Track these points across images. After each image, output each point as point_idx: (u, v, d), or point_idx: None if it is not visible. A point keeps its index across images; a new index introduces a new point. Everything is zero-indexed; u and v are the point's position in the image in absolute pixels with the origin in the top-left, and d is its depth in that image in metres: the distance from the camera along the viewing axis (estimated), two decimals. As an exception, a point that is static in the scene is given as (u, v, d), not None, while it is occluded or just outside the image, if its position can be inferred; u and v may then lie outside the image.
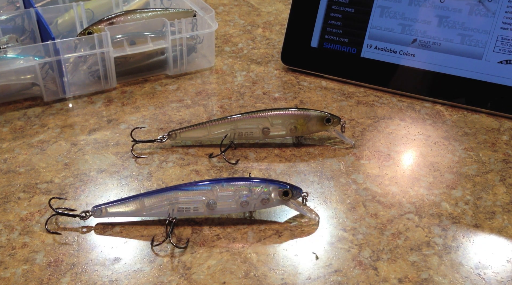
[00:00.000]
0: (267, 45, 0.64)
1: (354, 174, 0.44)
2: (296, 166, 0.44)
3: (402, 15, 0.54)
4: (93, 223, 0.38)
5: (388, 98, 0.54)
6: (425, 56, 0.53)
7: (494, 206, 0.41)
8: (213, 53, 0.59)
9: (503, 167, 0.45)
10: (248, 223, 0.39)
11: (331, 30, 0.56)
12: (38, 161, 0.44)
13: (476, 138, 0.48)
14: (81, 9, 0.57)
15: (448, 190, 0.42)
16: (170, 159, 0.45)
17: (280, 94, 0.54)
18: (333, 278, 0.34)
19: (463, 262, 0.36)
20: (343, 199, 0.41)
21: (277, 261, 0.36)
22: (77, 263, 0.35)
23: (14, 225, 0.38)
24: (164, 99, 0.53)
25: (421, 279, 0.35)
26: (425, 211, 0.40)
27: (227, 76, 0.57)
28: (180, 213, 0.38)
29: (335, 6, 0.56)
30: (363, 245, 0.37)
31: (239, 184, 0.38)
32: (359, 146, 0.47)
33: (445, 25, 0.52)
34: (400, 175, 0.44)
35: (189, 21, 0.55)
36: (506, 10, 0.50)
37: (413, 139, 0.48)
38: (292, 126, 0.46)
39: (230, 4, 0.74)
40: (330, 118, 0.45)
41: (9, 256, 0.36)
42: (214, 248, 0.36)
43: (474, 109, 0.52)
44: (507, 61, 0.51)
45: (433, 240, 0.38)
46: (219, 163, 0.45)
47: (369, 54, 0.55)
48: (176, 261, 0.36)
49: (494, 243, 0.38)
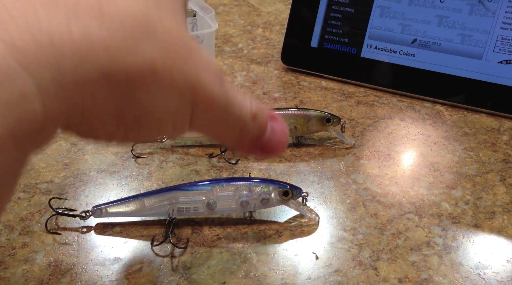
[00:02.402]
0: (267, 45, 0.64)
1: (354, 174, 0.44)
2: (296, 166, 0.44)
3: (402, 15, 0.54)
4: (93, 223, 0.38)
5: (388, 98, 0.54)
6: (425, 56, 0.53)
7: (494, 206, 0.41)
8: (213, 53, 0.59)
9: (503, 167, 0.45)
10: (248, 223, 0.39)
11: (331, 30, 0.56)
12: (38, 161, 0.44)
13: (476, 138, 0.48)
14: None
15: (448, 190, 0.42)
16: (170, 159, 0.45)
17: (280, 94, 0.54)
18: (333, 278, 0.34)
19: (463, 262, 0.36)
20: (343, 199, 0.41)
21: (277, 261, 0.36)
22: (77, 263, 0.35)
23: (14, 225, 0.38)
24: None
25: (421, 279, 0.35)
26: (425, 211, 0.40)
27: (227, 76, 0.57)
28: (180, 213, 0.38)
29: (335, 6, 0.56)
30: (363, 245, 0.37)
31: (239, 184, 0.38)
32: (359, 146, 0.47)
33: (445, 25, 0.52)
34: (400, 175, 0.44)
35: (189, 21, 0.55)
36: (506, 10, 0.50)
37: (413, 139, 0.48)
38: (292, 126, 0.46)
39: (230, 4, 0.74)
40: (330, 118, 0.45)
41: (9, 256, 0.36)
42: (214, 248, 0.36)
43: (474, 109, 0.52)
44: (507, 61, 0.51)
45: (433, 240, 0.38)
46: (219, 163, 0.45)
47: (369, 54, 0.55)
48: (176, 261, 0.36)
49: (494, 243, 0.38)
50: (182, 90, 0.23)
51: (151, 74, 0.21)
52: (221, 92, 0.25)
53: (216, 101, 0.24)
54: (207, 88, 0.24)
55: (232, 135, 0.27)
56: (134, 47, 0.21)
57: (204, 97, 0.24)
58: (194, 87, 0.23)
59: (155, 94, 0.22)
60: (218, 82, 0.25)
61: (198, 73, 0.23)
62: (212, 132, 0.27)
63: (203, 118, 0.25)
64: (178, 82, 0.22)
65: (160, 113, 0.22)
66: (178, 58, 0.22)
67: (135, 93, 0.21)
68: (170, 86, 0.22)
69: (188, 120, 0.24)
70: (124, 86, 0.21)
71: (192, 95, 0.23)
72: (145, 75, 0.21)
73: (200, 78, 0.23)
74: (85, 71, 0.19)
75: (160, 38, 0.22)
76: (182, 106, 0.23)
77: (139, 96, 0.21)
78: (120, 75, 0.20)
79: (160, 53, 0.22)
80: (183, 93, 0.23)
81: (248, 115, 0.27)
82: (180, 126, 0.24)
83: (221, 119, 0.26)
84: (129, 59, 0.20)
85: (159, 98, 0.22)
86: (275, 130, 0.29)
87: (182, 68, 0.22)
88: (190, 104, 0.23)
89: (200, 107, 0.24)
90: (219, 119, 0.26)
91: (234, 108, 0.26)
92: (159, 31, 0.22)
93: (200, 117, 0.24)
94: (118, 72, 0.20)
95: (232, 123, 0.27)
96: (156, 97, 0.22)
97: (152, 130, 0.23)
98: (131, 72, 0.20)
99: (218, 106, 0.25)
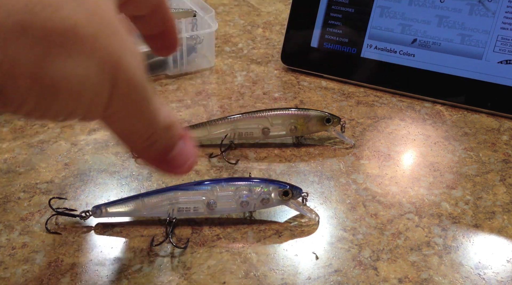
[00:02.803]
0: (267, 45, 0.64)
1: (354, 174, 0.44)
2: (296, 166, 0.44)
3: (402, 15, 0.54)
4: (93, 223, 0.38)
5: (388, 98, 0.54)
6: (425, 56, 0.53)
7: (494, 206, 0.41)
8: (213, 53, 0.59)
9: (503, 167, 0.45)
10: (248, 223, 0.39)
11: (331, 30, 0.56)
12: (38, 161, 0.44)
13: (476, 138, 0.48)
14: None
15: (448, 190, 0.42)
16: (170, 159, 0.45)
17: (280, 94, 0.54)
18: (333, 278, 0.34)
19: (463, 262, 0.36)
20: (343, 199, 0.41)
21: (277, 261, 0.36)
22: (77, 263, 0.35)
23: (14, 225, 0.38)
24: (164, 99, 0.53)
25: (421, 279, 0.35)
26: (425, 211, 0.40)
27: (227, 76, 0.57)
28: (180, 213, 0.38)
29: (335, 6, 0.56)
30: (363, 245, 0.37)
31: (239, 184, 0.38)
32: (359, 146, 0.47)
33: (445, 25, 0.52)
34: (400, 175, 0.44)
35: (189, 21, 0.55)
36: (506, 10, 0.50)
37: (413, 139, 0.48)
38: (292, 126, 0.46)
39: (230, 4, 0.74)
40: (330, 118, 0.45)
41: (9, 256, 0.36)
42: (214, 248, 0.36)
43: (474, 109, 0.52)
44: (507, 61, 0.51)
45: (433, 240, 0.38)
46: (219, 163, 0.45)
47: (369, 54, 0.55)
48: (176, 261, 0.36)
49: (494, 243, 0.38)
50: (104, 62, 0.22)
51: (73, 35, 0.21)
52: (142, 82, 0.24)
53: (136, 88, 0.24)
54: (130, 70, 0.23)
55: (141, 136, 0.27)
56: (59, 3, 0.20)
57: (125, 78, 0.23)
58: (116, 63, 0.23)
59: (76, 59, 0.21)
60: (140, 71, 0.24)
61: (122, 52, 0.23)
62: (122, 128, 0.26)
63: (119, 104, 0.24)
64: (100, 53, 0.22)
65: (78, 83, 0.21)
66: (104, 29, 0.22)
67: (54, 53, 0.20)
68: (91, 54, 0.21)
69: (105, 100, 0.23)
70: (43, 41, 0.20)
71: (113, 72, 0.22)
72: (66, 34, 0.20)
73: (124, 58, 0.23)
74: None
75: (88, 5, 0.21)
76: (102, 81, 0.22)
77: (59, 58, 0.20)
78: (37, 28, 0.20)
79: (85, 17, 0.21)
80: (105, 66, 0.22)
81: (163, 122, 0.27)
82: (96, 104, 0.23)
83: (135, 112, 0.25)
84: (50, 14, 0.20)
85: (80, 63, 0.21)
86: (185, 150, 0.29)
87: (106, 40, 0.22)
88: (110, 82, 0.23)
89: (120, 88, 0.23)
90: (133, 112, 0.25)
91: (150, 107, 0.26)
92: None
93: (116, 101, 0.23)
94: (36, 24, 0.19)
95: (144, 123, 0.26)
96: (76, 62, 0.21)
97: (68, 102, 0.22)
98: (50, 28, 0.20)
99: (137, 95, 0.24)
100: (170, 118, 0.28)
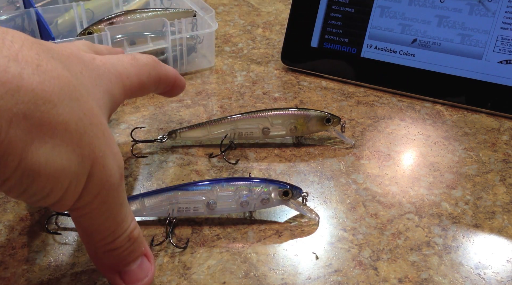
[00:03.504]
0: (267, 45, 0.64)
1: (354, 174, 0.44)
2: (296, 166, 0.44)
3: (402, 15, 0.54)
4: (93, 223, 0.38)
5: (388, 98, 0.54)
6: (425, 56, 0.53)
7: (494, 206, 0.41)
8: (213, 53, 0.59)
9: (503, 167, 0.45)
10: (248, 223, 0.39)
11: (331, 30, 0.56)
12: (38, 161, 0.44)
13: (476, 138, 0.48)
14: (81, 9, 0.57)
15: (448, 190, 0.42)
16: (170, 159, 0.45)
17: (280, 94, 0.54)
18: (333, 278, 0.34)
19: (463, 262, 0.36)
20: (343, 199, 0.41)
21: (277, 261, 0.36)
22: (77, 263, 0.35)
23: (14, 225, 0.38)
24: (164, 99, 0.53)
25: (421, 279, 0.35)
26: (425, 211, 0.40)
27: (227, 76, 0.57)
28: (180, 213, 0.38)
29: (335, 6, 0.56)
30: (363, 245, 0.37)
31: (239, 184, 0.38)
32: (359, 146, 0.47)
33: (445, 25, 0.52)
34: (400, 175, 0.44)
35: (189, 21, 0.55)
36: (506, 10, 0.50)
37: (413, 139, 0.48)
38: (292, 126, 0.46)
39: (230, 4, 0.74)
40: (330, 118, 0.46)
41: (9, 256, 0.36)
42: (214, 248, 0.36)
43: (474, 109, 0.52)
44: (507, 61, 0.51)
45: (433, 240, 0.38)
46: (219, 163, 0.45)
47: (369, 54, 0.55)
48: (176, 261, 0.36)
49: (494, 243, 0.38)
50: (85, 156, 0.25)
51: (63, 130, 0.24)
52: (118, 185, 0.27)
53: (110, 188, 0.27)
54: (108, 170, 0.26)
55: (104, 238, 0.28)
56: (57, 101, 0.23)
57: (101, 176, 0.26)
58: (96, 160, 0.25)
59: (60, 149, 0.24)
60: (118, 175, 0.27)
61: (104, 153, 0.26)
62: (88, 224, 0.28)
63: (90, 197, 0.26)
64: (84, 149, 0.25)
65: (58, 170, 0.24)
66: (92, 130, 0.25)
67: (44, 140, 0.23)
68: (76, 148, 0.24)
69: (79, 190, 0.25)
70: (37, 129, 0.23)
71: (91, 166, 0.25)
72: (58, 127, 0.24)
73: (105, 158, 0.26)
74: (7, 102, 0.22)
75: (82, 107, 0.25)
76: (80, 173, 0.25)
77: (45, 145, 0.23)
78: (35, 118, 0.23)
79: (78, 117, 0.24)
80: (85, 161, 0.25)
81: (129, 231, 0.29)
82: (70, 192, 0.25)
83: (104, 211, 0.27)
84: (49, 108, 0.23)
85: (63, 154, 0.24)
86: (144, 268, 0.31)
87: (92, 139, 0.25)
88: (86, 175, 0.25)
89: (94, 183, 0.26)
90: (102, 210, 0.27)
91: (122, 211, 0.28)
92: (83, 101, 0.25)
93: (89, 194, 0.26)
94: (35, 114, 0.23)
95: (111, 224, 0.28)
96: (60, 152, 0.24)
97: (45, 185, 0.24)
98: (46, 120, 0.23)
99: (109, 195, 0.27)
100: (138, 231, 0.30)
